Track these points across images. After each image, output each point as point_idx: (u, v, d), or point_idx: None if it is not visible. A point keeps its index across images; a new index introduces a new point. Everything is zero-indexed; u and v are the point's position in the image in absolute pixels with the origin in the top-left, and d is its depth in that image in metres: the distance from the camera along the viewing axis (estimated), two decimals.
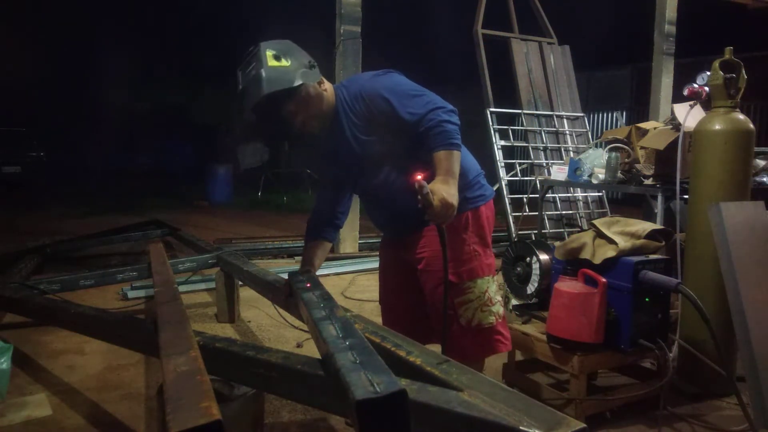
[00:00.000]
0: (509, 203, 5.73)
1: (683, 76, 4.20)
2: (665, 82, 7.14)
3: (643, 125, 4.11)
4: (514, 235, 5.62)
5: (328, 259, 5.84)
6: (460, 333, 2.10)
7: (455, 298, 2.08)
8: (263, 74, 1.87)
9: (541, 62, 6.66)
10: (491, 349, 2.16)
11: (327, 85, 2.03)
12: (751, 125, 2.71)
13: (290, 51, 1.96)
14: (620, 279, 2.39)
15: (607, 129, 12.65)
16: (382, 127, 1.97)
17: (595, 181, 3.93)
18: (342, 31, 5.86)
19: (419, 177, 1.76)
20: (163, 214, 8.33)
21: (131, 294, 4.37)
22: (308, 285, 2.05)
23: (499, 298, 2.18)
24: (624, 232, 2.49)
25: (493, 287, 2.14)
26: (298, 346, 3.43)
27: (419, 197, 1.76)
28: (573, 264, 2.55)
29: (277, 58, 1.91)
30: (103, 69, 14.91)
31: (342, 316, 1.68)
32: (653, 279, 2.35)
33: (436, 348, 2.00)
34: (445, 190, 1.80)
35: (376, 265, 2.55)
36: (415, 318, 2.25)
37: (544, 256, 2.72)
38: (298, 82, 1.90)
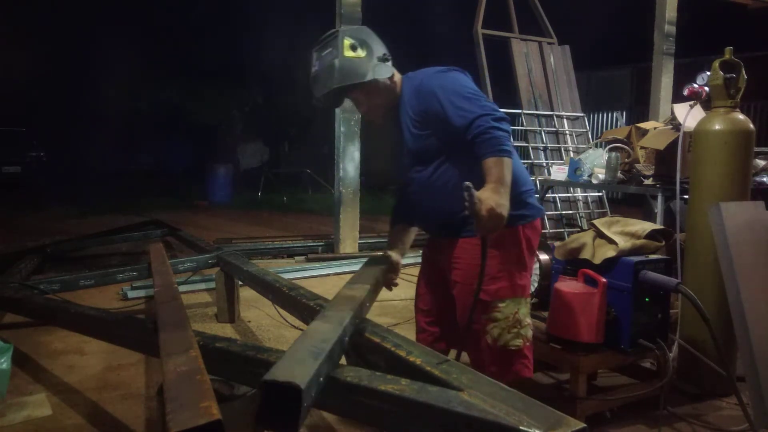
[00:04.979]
0: None
1: (683, 76, 4.20)
2: (665, 82, 7.13)
3: (643, 125, 4.12)
4: None
5: (328, 259, 5.84)
6: (484, 350, 2.01)
7: (483, 315, 1.98)
8: (337, 65, 1.88)
9: (541, 62, 6.66)
10: (514, 373, 2.00)
11: (397, 77, 2.04)
12: (751, 125, 2.71)
13: (367, 41, 1.96)
14: (620, 279, 2.39)
15: (607, 129, 12.65)
16: (433, 125, 1.96)
17: (595, 181, 3.93)
18: None
19: (468, 183, 1.69)
20: (163, 214, 8.32)
21: (131, 294, 4.37)
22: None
23: (529, 320, 2.04)
24: (624, 232, 2.49)
25: (523, 309, 2.01)
26: None
27: (466, 204, 1.69)
28: (573, 264, 2.55)
29: (353, 48, 1.92)
30: (102, 69, 14.89)
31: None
32: (653, 279, 2.35)
33: (464, 358, 2.04)
34: (494, 200, 1.72)
35: None
36: (447, 322, 2.16)
37: (544, 256, 2.72)
38: (369, 77, 1.91)
